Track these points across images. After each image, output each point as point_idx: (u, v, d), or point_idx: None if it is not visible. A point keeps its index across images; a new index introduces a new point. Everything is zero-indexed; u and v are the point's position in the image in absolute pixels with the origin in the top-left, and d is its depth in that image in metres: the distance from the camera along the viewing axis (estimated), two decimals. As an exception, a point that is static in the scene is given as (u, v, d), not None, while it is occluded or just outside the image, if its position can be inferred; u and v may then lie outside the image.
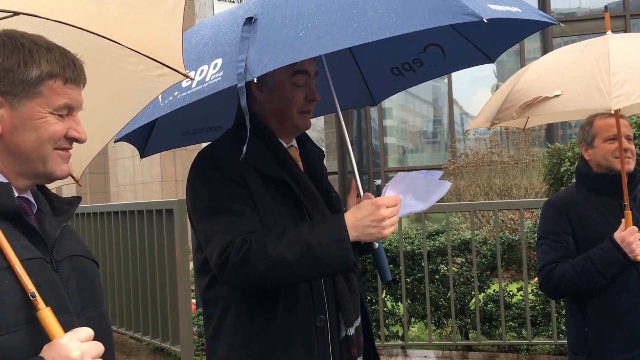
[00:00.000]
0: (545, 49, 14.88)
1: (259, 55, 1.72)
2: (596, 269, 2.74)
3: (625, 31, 14.68)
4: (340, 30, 1.72)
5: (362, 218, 1.89)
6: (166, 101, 1.95)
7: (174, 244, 5.03)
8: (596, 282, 2.76)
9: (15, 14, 1.53)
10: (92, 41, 1.59)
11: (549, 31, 14.95)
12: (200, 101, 1.86)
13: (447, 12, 1.72)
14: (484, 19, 1.68)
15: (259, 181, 1.98)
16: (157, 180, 12.32)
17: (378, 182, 15.84)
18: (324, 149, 2.52)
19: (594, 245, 2.78)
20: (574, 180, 2.86)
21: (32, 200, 1.49)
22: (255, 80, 1.70)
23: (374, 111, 15.90)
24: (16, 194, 1.43)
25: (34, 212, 1.48)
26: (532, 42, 15.34)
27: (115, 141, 2.28)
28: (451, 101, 16.54)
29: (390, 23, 1.71)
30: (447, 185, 2.09)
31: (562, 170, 9.57)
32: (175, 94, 1.92)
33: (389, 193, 1.98)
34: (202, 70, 1.88)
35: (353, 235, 1.88)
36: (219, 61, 1.86)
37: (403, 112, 18.22)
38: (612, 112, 2.55)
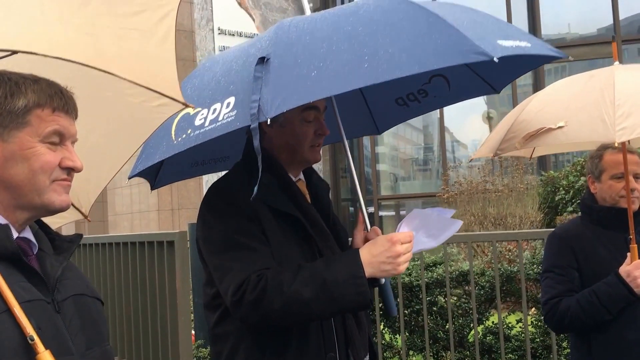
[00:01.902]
0: (536, 73, 14.99)
1: (272, 95, 1.73)
2: (601, 304, 2.71)
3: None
4: (352, 70, 1.73)
5: (377, 254, 1.91)
6: (179, 139, 1.97)
7: (175, 275, 4.99)
8: (602, 317, 2.73)
9: (14, 52, 1.55)
10: (91, 76, 1.60)
11: (540, 58, 15.07)
12: (209, 133, 1.87)
13: (458, 52, 1.72)
14: (495, 59, 1.69)
15: (271, 217, 2.00)
16: (154, 210, 12.31)
17: (371, 209, 15.82)
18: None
19: (599, 279, 2.75)
20: (569, 208, 2.85)
21: (33, 239, 1.48)
22: (268, 122, 1.71)
23: (366, 139, 15.95)
24: (16, 234, 1.43)
25: (35, 252, 1.47)
26: (523, 68, 15.46)
27: (129, 177, 2.30)
28: (442, 128, 16.61)
29: (401, 62, 1.72)
30: (458, 224, 2.11)
31: (556, 198, 9.58)
32: (189, 131, 1.94)
33: (403, 229, 2.01)
34: (214, 109, 1.90)
35: (368, 271, 1.89)
36: (232, 100, 1.87)
37: (395, 139, 18.30)
38: (616, 144, 2.52)
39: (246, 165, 2.13)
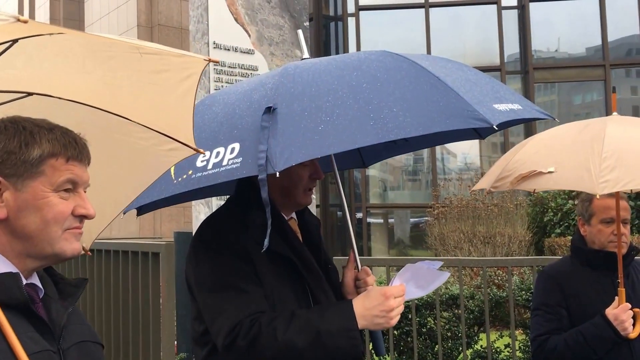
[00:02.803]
0: (527, 91, 15.11)
1: (280, 148, 1.74)
2: (588, 344, 2.78)
3: (605, 80, 14.96)
4: (359, 127, 1.75)
5: (371, 308, 1.93)
6: (180, 179, 1.95)
7: (159, 288, 4.97)
8: (588, 356, 2.80)
9: (29, 94, 1.57)
10: (103, 118, 1.62)
11: (531, 77, 15.20)
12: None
13: (459, 117, 1.77)
14: (494, 126, 1.75)
15: (264, 257, 2.00)
16: (135, 237, 12.15)
17: (359, 215, 15.84)
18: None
19: (587, 319, 2.81)
20: (557, 230, 2.92)
21: (39, 284, 1.49)
22: (277, 175, 1.71)
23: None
24: (24, 282, 1.43)
25: (41, 296, 1.48)
26: (513, 84, 15.57)
27: (124, 212, 2.27)
28: (434, 140, 16.63)
29: (405, 123, 1.75)
30: (445, 275, 2.17)
31: (545, 219, 9.66)
32: (190, 172, 1.92)
33: (396, 282, 2.05)
34: (218, 152, 1.89)
35: (362, 324, 1.92)
36: (237, 146, 1.86)
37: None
38: (598, 197, 2.60)
39: (239, 202, 2.14)
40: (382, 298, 1.93)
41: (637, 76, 15.29)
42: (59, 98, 1.51)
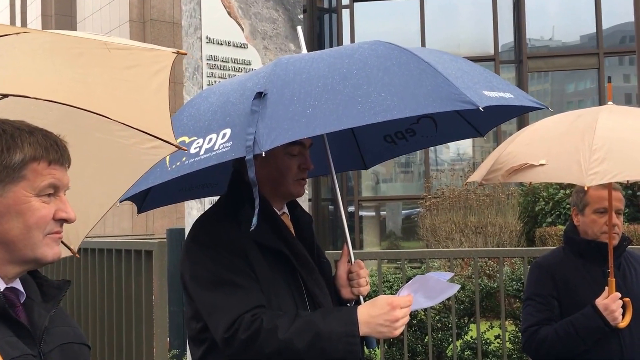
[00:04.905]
0: (520, 80, 15.12)
1: (268, 130, 1.77)
2: (578, 335, 2.79)
3: (599, 69, 14.97)
4: (346, 110, 1.78)
5: (376, 316, 1.93)
6: (174, 166, 1.98)
7: (152, 287, 4.97)
8: (577, 347, 2.81)
9: (5, 96, 1.54)
10: (81, 117, 1.59)
11: (524, 66, 15.20)
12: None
13: (446, 99, 1.78)
14: (480, 108, 1.76)
15: (258, 251, 2.02)
16: (127, 234, 12.11)
17: (351, 208, 15.85)
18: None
19: (578, 309, 2.82)
20: (548, 219, 2.91)
21: (21, 288, 1.46)
22: (263, 154, 1.74)
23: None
24: (4, 286, 1.41)
25: (22, 300, 1.46)
26: (507, 74, 15.58)
27: (120, 202, 2.29)
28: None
29: (392, 106, 1.77)
30: (455, 287, 2.16)
31: (536, 209, 9.68)
32: (183, 159, 1.95)
33: (404, 293, 2.04)
34: (210, 139, 1.92)
35: (364, 331, 1.92)
36: (228, 131, 1.90)
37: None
38: (586, 188, 2.58)
39: (231, 198, 2.15)
40: (388, 307, 1.93)
41: (630, 64, 15.31)
42: (35, 98, 1.47)
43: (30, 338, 1.39)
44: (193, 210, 5.25)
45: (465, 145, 16.25)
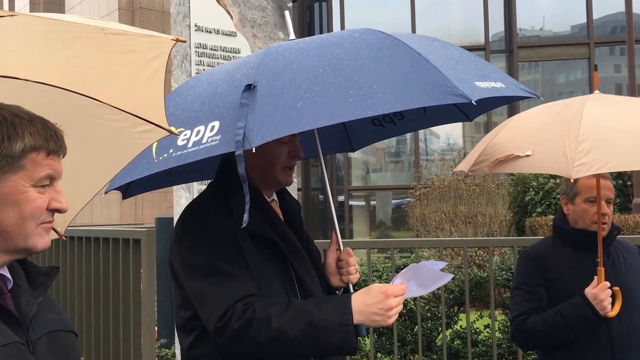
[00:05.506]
0: (511, 70, 15.12)
1: (258, 124, 1.74)
2: (566, 324, 2.78)
3: (589, 59, 15.00)
4: (337, 103, 1.75)
5: (370, 304, 1.91)
6: (160, 158, 1.96)
7: (140, 275, 4.93)
8: (566, 336, 2.81)
9: None
10: (72, 101, 1.58)
11: (515, 55, 15.21)
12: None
13: (438, 93, 1.77)
14: (473, 102, 1.74)
15: (248, 239, 2.00)
16: (116, 224, 12.06)
17: (341, 198, 15.86)
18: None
19: (566, 299, 2.80)
20: (538, 209, 2.91)
21: (8, 275, 1.45)
22: (254, 150, 1.71)
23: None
24: None
25: (10, 287, 1.44)
26: (497, 63, 15.58)
27: (106, 192, 2.26)
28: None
29: (384, 100, 1.75)
30: (448, 277, 2.15)
31: (526, 199, 9.70)
32: (171, 151, 1.93)
33: (397, 281, 2.03)
34: (198, 131, 1.89)
35: (358, 319, 1.90)
36: (217, 124, 1.87)
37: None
38: (572, 180, 2.56)
39: (221, 186, 2.13)
40: (382, 296, 1.91)
41: (621, 54, 15.35)
42: (26, 80, 1.47)
43: (19, 326, 1.38)
44: (182, 199, 5.22)
45: (455, 135, 16.27)
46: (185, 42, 1.66)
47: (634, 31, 11.19)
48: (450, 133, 16.42)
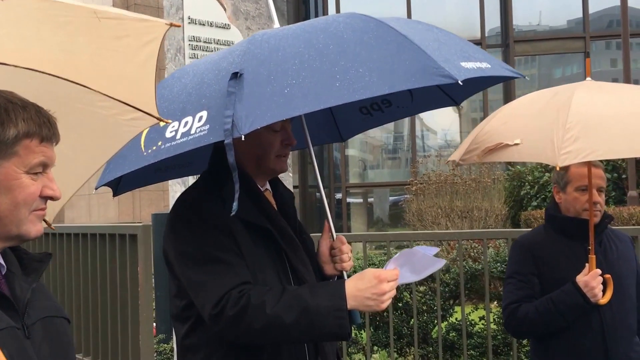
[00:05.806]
0: (507, 64, 15.09)
1: (246, 112, 1.75)
2: (558, 311, 2.79)
3: (585, 53, 15.00)
4: (324, 88, 1.76)
5: (363, 289, 1.92)
6: (149, 150, 1.96)
7: (137, 271, 4.93)
8: (558, 324, 2.82)
9: None
10: (62, 87, 1.58)
11: (511, 50, 15.21)
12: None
13: (424, 74, 1.77)
14: (460, 82, 1.75)
15: (242, 228, 2.01)
16: (113, 223, 12.01)
17: (339, 195, 15.87)
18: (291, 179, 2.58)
19: (559, 286, 2.81)
20: (533, 203, 2.91)
21: (2, 261, 1.46)
22: (243, 138, 1.72)
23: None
24: None
25: (4, 273, 1.45)
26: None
27: (96, 188, 2.28)
28: (413, 116, 16.67)
29: (371, 83, 1.76)
30: (441, 262, 2.16)
31: (522, 193, 9.71)
32: (159, 144, 1.93)
33: (390, 266, 2.03)
34: (186, 122, 1.90)
35: (351, 304, 1.91)
36: (204, 114, 1.87)
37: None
38: (558, 169, 2.56)
39: (213, 176, 2.13)
40: (375, 281, 1.92)
41: (617, 48, 15.37)
42: (15, 66, 1.46)
43: (14, 311, 1.39)
44: (177, 194, 5.20)
45: (452, 131, 16.27)
46: (179, 26, 1.65)
47: (629, 25, 11.20)
48: (447, 129, 16.43)
